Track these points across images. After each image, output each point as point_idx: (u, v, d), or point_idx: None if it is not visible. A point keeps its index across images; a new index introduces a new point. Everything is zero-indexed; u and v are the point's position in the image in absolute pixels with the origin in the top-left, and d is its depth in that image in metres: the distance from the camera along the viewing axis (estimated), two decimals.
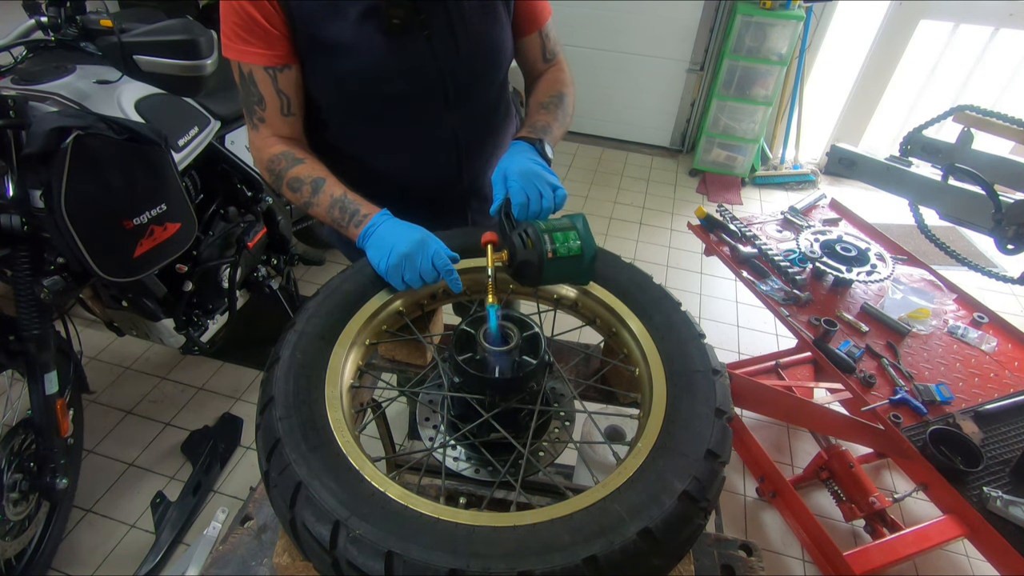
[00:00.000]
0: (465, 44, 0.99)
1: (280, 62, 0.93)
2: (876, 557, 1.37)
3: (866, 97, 3.58)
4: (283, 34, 0.91)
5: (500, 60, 1.07)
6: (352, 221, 0.93)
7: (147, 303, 1.58)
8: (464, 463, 0.85)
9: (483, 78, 1.07)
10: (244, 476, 1.91)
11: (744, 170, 3.68)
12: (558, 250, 0.82)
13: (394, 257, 0.86)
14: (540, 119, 1.06)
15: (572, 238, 0.83)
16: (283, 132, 1.00)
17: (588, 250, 0.84)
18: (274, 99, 0.96)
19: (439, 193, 1.15)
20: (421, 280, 0.87)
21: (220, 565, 0.78)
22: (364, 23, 0.91)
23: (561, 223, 0.85)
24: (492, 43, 1.04)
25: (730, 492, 1.95)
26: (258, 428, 0.70)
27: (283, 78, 0.95)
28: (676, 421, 0.72)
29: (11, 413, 1.43)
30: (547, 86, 1.14)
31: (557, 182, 0.94)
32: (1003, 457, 1.30)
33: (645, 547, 0.59)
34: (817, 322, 1.57)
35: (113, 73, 1.43)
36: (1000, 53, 3.29)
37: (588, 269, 0.85)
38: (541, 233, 0.83)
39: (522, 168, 0.93)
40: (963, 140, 1.38)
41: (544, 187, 0.92)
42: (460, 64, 1.01)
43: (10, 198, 1.19)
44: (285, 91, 0.96)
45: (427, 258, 0.86)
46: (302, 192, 0.97)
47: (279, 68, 0.94)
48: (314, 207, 0.97)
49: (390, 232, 0.89)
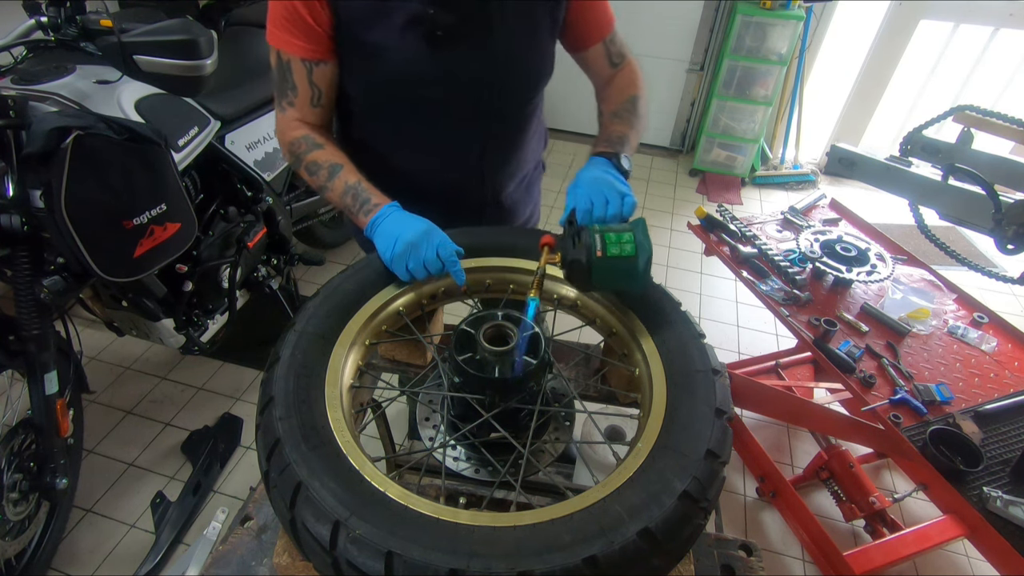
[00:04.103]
0: (503, 62, 1.00)
1: (318, 57, 0.97)
2: (876, 557, 1.37)
3: (866, 97, 3.58)
4: (326, 33, 0.95)
5: (536, 81, 1.08)
6: (363, 209, 0.95)
7: (147, 303, 1.58)
8: (464, 463, 0.85)
9: (516, 96, 1.08)
10: (244, 476, 1.90)
11: (744, 170, 3.68)
12: (609, 250, 0.80)
13: (399, 246, 0.88)
14: (615, 130, 1.05)
15: (626, 240, 0.81)
16: (309, 120, 1.04)
17: (642, 253, 0.80)
18: (306, 90, 1.00)
19: (456, 196, 1.16)
20: (425, 270, 0.88)
21: (220, 565, 0.78)
22: (408, 29, 0.93)
23: (618, 226, 0.84)
24: (530, 65, 1.05)
25: (730, 492, 1.95)
26: (258, 428, 0.70)
27: (318, 72, 0.99)
28: (676, 421, 0.72)
29: (11, 413, 1.43)
30: (618, 92, 1.12)
31: (626, 190, 0.92)
32: (1003, 457, 1.30)
33: (645, 547, 0.59)
34: (817, 322, 1.57)
35: (113, 73, 1.43)
36: (1000, 53, 3.29)
37: (642, 273, 0.81)
38: (593, 233, 0.82)
39: (591, 176, 0.93)
40: (963, 140, 1.38)
41: (611, 194, 0.91)
42: (495, 80, 1.02)
43: (10, 198, 1.19)
44: (318, 84, 1.00)
45: (432, 248, 0.88)
46: (319, 176, 1.00)
47: (316, 62, 0.97)
48: (329, 191, 1.00)
49: (398, 222, 0.91)
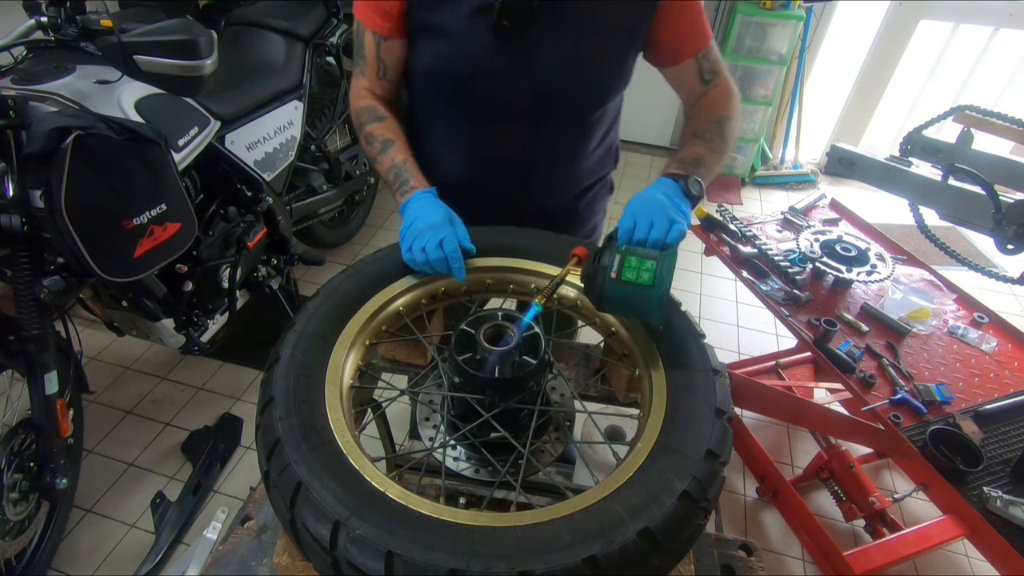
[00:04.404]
0: (566, 67, 0.98)
1: (386, 33, 1.01)
2: (876, 557, 1.37)
3: (866, 97, 3.58)
4: (398, 11, 0.98)
5: (600, 91, 1.04)
6: (400, 190, 1.00)
7: (147, 303, 1.58)
8: (464, 463, 0.85)
9: (573, 104, 1.04)
10: (244, 476, 1.91)
11: (744, 170, 3.68)
12: (624, 274, 0.76)
13: (412, 228, 0.91)
14: (691, 151, 0.99)
15: (646, 267, 0.76)
16: (376, 91, 1.09)
17: (659, 285, 0.75)
18: (374, 62, 1.05)
19: (498, 199, 1.14)
20: (425, 256, 0.88)
21: (220, 565, 0.78)
22: (475, 18, 0.94)
23: (644, 251, 0.79)
24: (596, 72, 1.01)
25: (730, 492, 1.95)
26: (258, 428, 0.70)
27: (385, 47, 1.03)
28: (676, 421, 0.72)
29: (11, 413, 1.43)
30: (706, 111, 1.05)
31: (678, 217, 0.86)
32: (1003, 457, 1.30)
33: (645, 547, 0.59)
34: (817, 322, 1.57)
35: (113, 73, 1.43)
36: (1000, 53, 3.29)
37: (654, 305, 0.76)
38: (615, 253, 0.78)
39: (646, 196, 0.89)
40: (963, 140, 1.38)
41: (659, 217, 0.85)
42: (554, 84, 0.99)
43: (10, 198, 1.19)
44: (384, 59, 1.05)
45: (436, 237, 0.88)
46: (373, 148, 1.05)
47: (384, 38, 1.02)
48: (378, 164, 1.05)
49: (422, 206, 0.95)
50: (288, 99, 2.01)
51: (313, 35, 2.17)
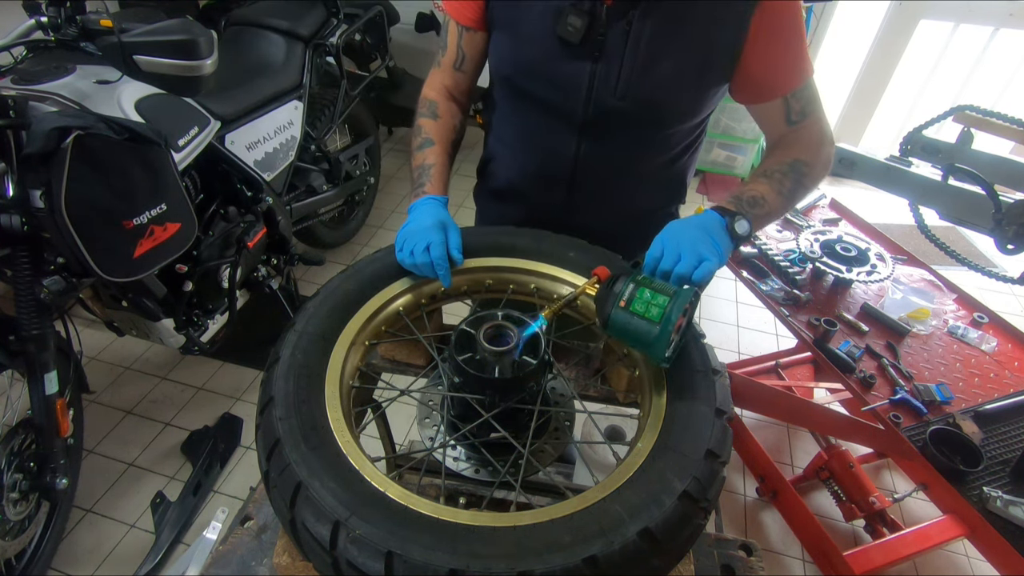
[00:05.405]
0: (629, 85, 0.93)
1: (468, 23, 1.03)
2: (876, 557, 1.37)
3: (866, 97, 3.58)
4: (478, 3, 1.00)
5: (661, 117, 0.98)
6: (415, 191, 1.01)
7: (147, 303, 1.58)
8: (464, 463, 0.85)
9: (631, 123, 0.98)
10: (244, 476, 1.91)
11: (744, 170, 3.68)
12: (634, 305, 0.74)
13: (405, 229, 0.93)
14: (754, 188, 0.92)
15: (658, 302, 0.73)
16: (447, 83, 1.11)
17: (665, 324, 0.72)
18: (453, 51, 1.08)
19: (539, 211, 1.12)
20: (412, 257, 0.89)
21: (220, 565, 0.78)
22: (545, 20, 0.93)
23: (662, 286, 0.77)
24: (659, 97, 0.94)
25: (730, 492, 1.95)
26: (258, 428, 0.70)
27: (467, 37, 1.05)
28: (676, 421, 0.72)
29: (11, 413, 1.43)
30: (783, 152, 0.96)
31: (709, 255, 0.81)
32: (1003, 457, 1.30)
33: (645, 547, 0.59)
34: (817, 322, 1.57)
35: (113, 73, 1.43)
36: (1000, 53, 3.29)
37: (655, 344, 0.73)
38: (630, 281, 0.76)
39: (681, 226, 0.86)
40: (963, 140, 1.38)
41: (688, 251, 0.81)
42: (613, 100, 0.95)
43: (10, 198, 1.19)
44: (464, 49, 1.07)
45: (424, 242, 0.89)
46: (416, 141, 1.08)
47: (467, 28, 1.04)
48: (412, 158, 1.07)
49: (422, 211, 0.95)
50: (288, 99, 2.02)
51: (313, 35, 2.17)
